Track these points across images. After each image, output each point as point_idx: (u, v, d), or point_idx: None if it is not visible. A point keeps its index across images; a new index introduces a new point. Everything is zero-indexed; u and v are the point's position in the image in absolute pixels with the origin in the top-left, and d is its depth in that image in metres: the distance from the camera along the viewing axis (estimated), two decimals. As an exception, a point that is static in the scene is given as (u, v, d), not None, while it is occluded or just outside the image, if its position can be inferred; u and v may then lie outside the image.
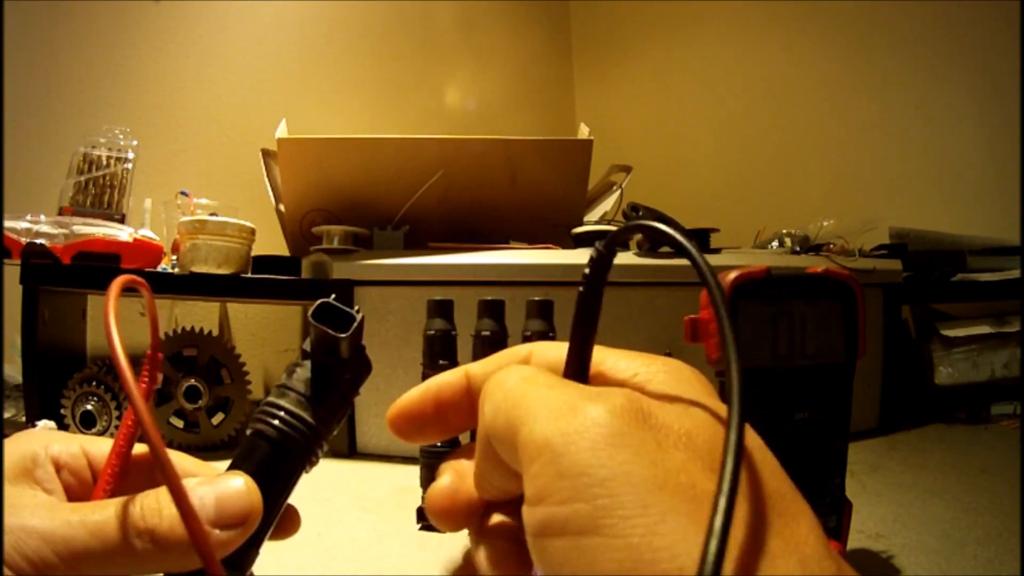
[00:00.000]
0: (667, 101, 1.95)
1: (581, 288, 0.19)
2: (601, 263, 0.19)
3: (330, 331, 0.21)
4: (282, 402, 0.21)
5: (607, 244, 0.19)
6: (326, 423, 0.22)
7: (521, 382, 0.16)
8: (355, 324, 0.22)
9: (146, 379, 0.22)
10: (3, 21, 1.16)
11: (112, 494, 0.19)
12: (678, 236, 0.16)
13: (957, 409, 1.05)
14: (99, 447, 0.21)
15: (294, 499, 0.22)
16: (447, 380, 0.20)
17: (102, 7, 1.33)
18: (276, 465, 0.20)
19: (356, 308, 0.23)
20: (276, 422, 0.21)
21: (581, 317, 0.19)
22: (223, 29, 1.49)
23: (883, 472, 0.78)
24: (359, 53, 1.71)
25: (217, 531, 0.16)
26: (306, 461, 0.21)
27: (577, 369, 0.19)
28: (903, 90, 1.45)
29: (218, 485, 0.17)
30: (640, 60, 2.01)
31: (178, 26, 1.42)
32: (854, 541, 0.55)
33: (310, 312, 0.22)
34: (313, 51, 1.63)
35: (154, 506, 0.16)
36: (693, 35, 1.88)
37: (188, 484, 0.16)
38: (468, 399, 0.19)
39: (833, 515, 0.44)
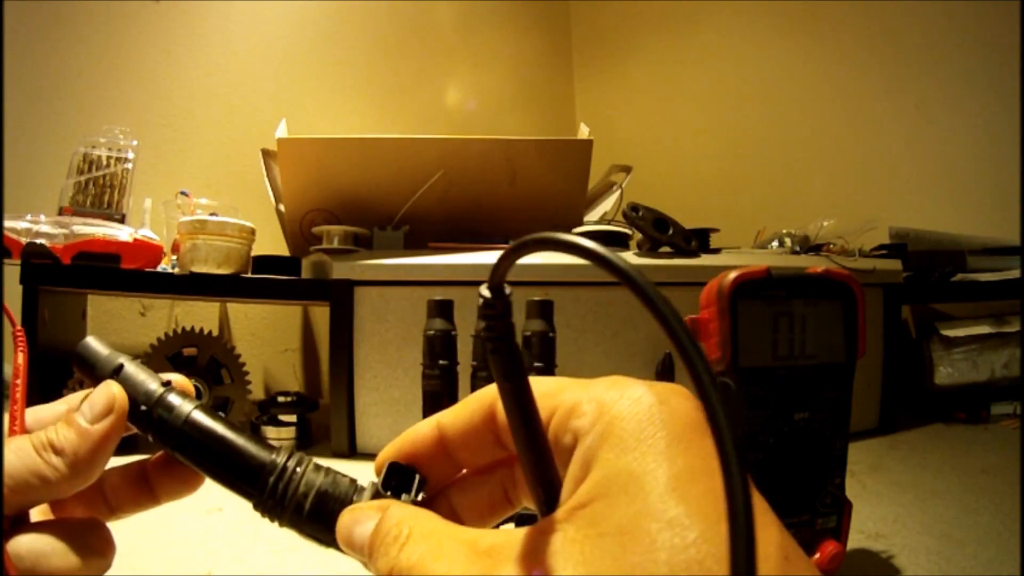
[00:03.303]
0: (667, 101, 1.95)
1: (490, 347, 0.15)
2: (497, 310, 0.15)
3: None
4: None
5: (492, 288, 0.15)
6: None
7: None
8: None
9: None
10: (3, 21, 1.16)
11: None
12: (579, 242, 0.13)
13: (957, 409, 1.05)
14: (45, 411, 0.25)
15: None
16: (420, 436, 0.21)
17: (102, 7, 1.33)
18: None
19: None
20: None
21: (507, 375, 0.15)
22: (223, 29, 1.49)
23: (883, 472, 0.78)
24: (359, 53, 1.71)
25: (94, 425, 0.21)
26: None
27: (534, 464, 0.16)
28: (903, 90, 1.45)
29: (91, 393, 0.22)
30: (640, 60, 2.01)
31: (178, 26, 1.42)
32: (854, 541, 0.55)
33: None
34: (313, 51, 1.63)
35: (53, 428, 0.21)
36: (693, 35, 1.88)
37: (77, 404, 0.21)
38: (441, 449, 0.20)
39: (833, 515, 0.44)
